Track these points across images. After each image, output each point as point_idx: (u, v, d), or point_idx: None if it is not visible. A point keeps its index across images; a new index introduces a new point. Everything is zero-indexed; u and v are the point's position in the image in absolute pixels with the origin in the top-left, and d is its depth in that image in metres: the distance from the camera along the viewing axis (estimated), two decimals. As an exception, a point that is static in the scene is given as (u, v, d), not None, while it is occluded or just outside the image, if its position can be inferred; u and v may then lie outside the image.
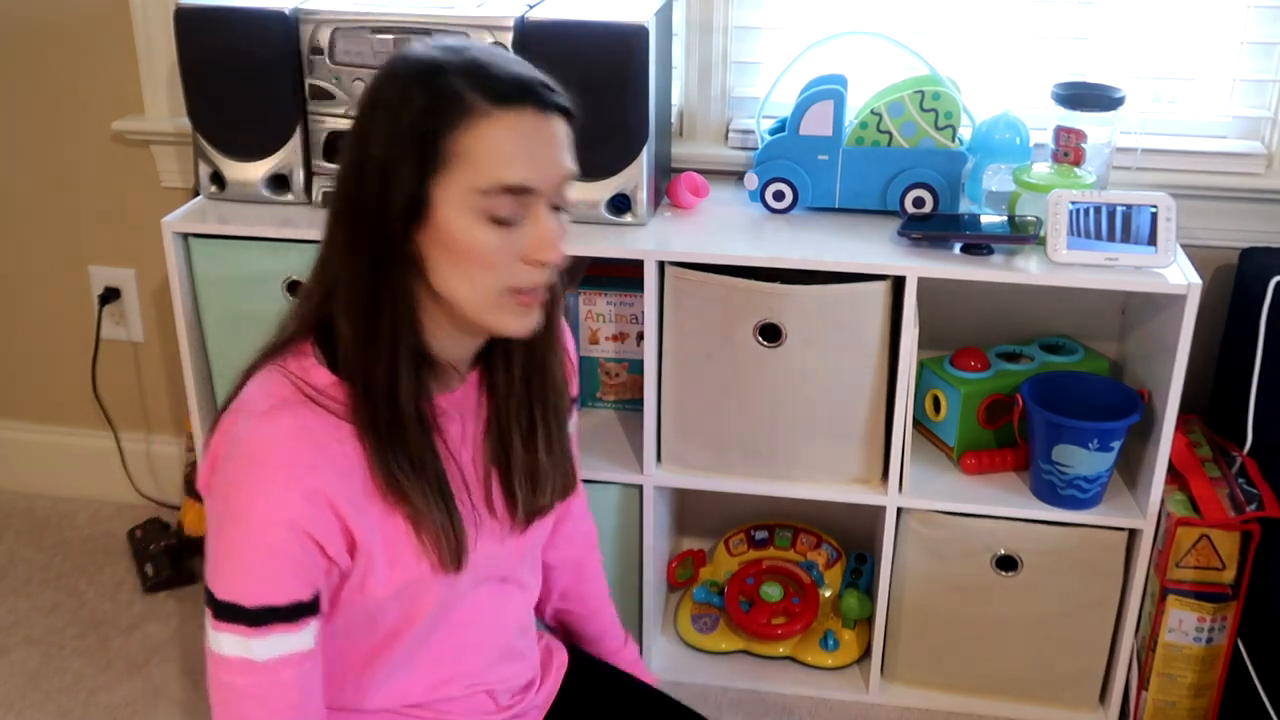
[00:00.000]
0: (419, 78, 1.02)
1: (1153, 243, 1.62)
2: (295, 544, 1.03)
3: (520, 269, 1.06)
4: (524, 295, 1.08)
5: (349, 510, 1.05)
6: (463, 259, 1.04)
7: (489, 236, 1.03)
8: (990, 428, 1.83)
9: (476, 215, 1.03)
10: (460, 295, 1.06)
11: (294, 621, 1.05)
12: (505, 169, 1.02)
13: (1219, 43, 1.87)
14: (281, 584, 1.04)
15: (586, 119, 1.67)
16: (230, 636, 1.04)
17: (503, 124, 1.02)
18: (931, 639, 1.88)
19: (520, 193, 1.03)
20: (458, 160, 1.01)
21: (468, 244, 1.03)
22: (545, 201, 1.06)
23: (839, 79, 1.77)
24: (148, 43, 2.06)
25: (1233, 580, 1.69)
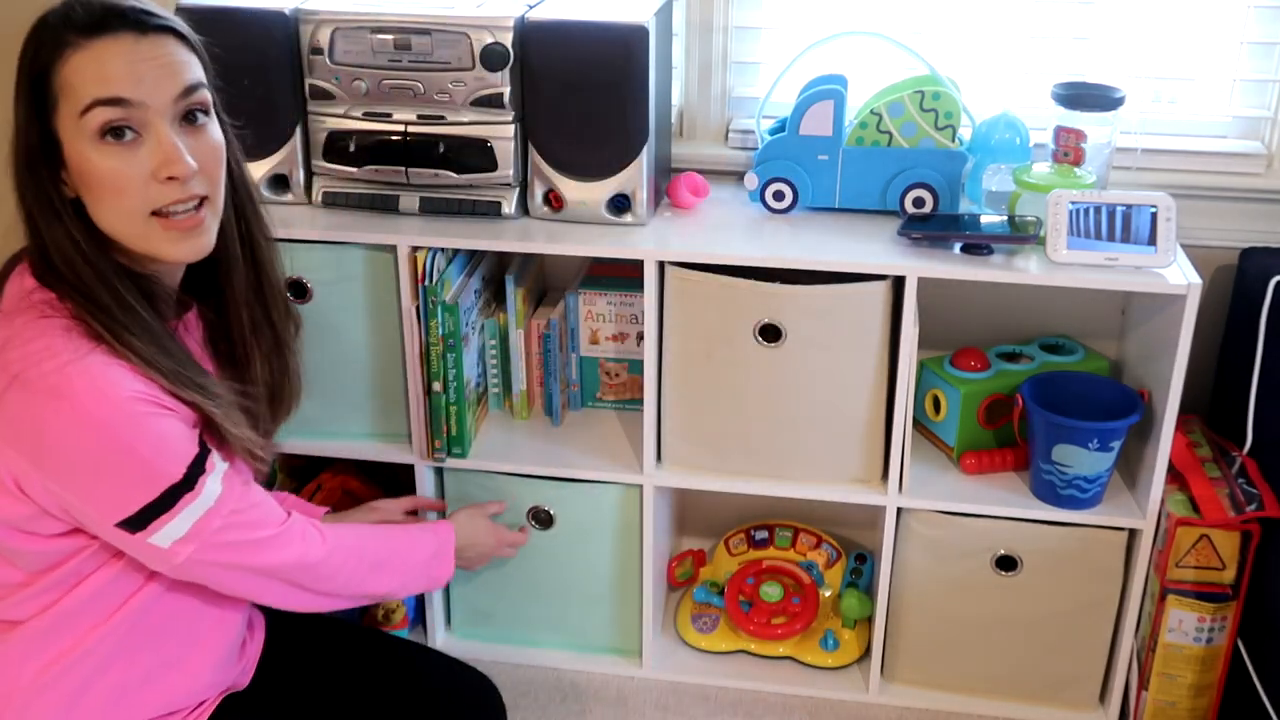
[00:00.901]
0: (33, 28, 1.13)
1: (1153, 243, 1.62)
2: (159, 406, 1.14)
3: (154, 188, 1.13)
4: (172, 219, 1.15)
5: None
6: (98, 189, 1.12)
7: (106, 159, 1.11)
8: (990, 428, 1.83)
9: (89, 140, 1.11)
10: (114, 227, 1.15)
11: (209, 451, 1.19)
12: (96, 87, 1.09)
13: (1219, 43, 1.87)
14: (183, 437, 1.16)
15: (586, 119, 1.69)
16: (182, 513, 1.16)
17: (94, 50, 1.10)
18: (931, 639, 1.88)
19: (116, 104, 1.10)
20: (63, 93, 1.10)
21: (93, 171, 1.11)
22: (163, 118, 1.13)
23: (839, 79, 1.77)
24: (148, 43, 2.06)
25: (1233, 580, 1.69)
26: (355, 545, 1.38)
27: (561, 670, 1.97)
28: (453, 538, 1.57)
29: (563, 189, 1.73)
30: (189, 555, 1.18)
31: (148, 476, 1.13)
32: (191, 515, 1.16)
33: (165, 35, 1.14)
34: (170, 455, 1.15)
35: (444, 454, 1.82)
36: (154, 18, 1.13)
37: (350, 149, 1.74)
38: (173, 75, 1.13)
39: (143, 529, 1.15)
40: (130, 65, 1.11)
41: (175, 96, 1.13)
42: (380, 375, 1.81)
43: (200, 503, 1.17)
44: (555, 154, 1.72)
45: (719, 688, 1.95)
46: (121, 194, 1.12)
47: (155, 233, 1.15)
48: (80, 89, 1.10)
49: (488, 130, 1.70)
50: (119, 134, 1.11)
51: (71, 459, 1.11)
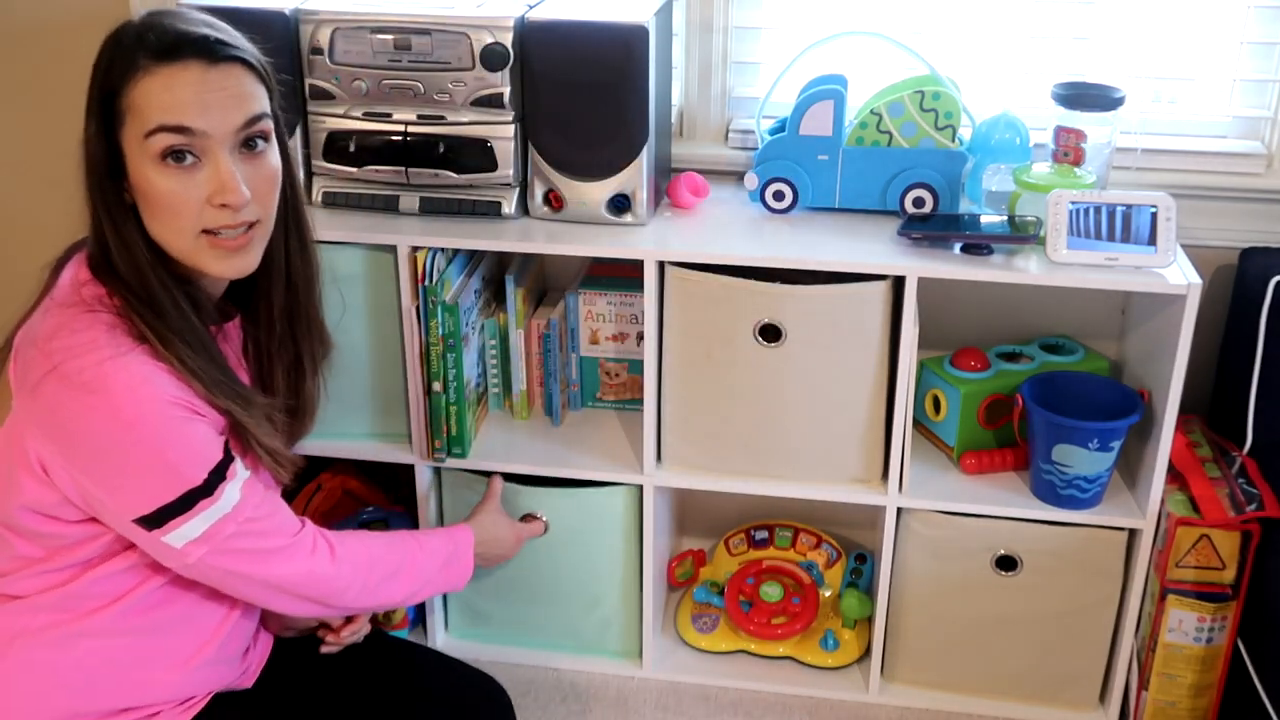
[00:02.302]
0: (106, 45, 1.17)
1: (1153, 243, 1.62)
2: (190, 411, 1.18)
3: (208, 212, 1.17)
4: (220, 238, 1.19)
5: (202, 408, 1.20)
6: (155, 206, 1.17)
7: (166, 180, 1.15)
8: (990, 428, 1.83)
9: (151, 161, 1.14)
10: (166, 241, 1.19)
11: (233, 459, 1.22)
12: (163, 113, 1.13)
13: (1219, 43, 1.87)
14: (209, 443, 1.19)
15: (586, 119, 1.69)
16: (198, 516, 1.18)
17: (164, 76, 1.13)
18: (931, 639, 1.88)
19: (180, 132, 1.13)
20: (130, 113, 1.14)
21: (151, 190, 1.15)
22: (224, 147, 1.16)
23: (839, 79, 1.77)
24: (148, 43, 2.06)
25: (1233, 580, 1.69)
26: (366, 558, 1.39)
27: (561, 670, 1.97)
28: (470, 540, 1.57)
29: (563, 189, 1.73)
30: (200, 557, 1.21)
31: (170, 479, 1.16)
32: (207, 520, 1.19)
33: (235, 65, 1.17)
34: (195, 460, 1.18)
35: (444, 454, 1.82)
36: (226, 48, 1.16)
37: (350, 149, 1.74)
38: (238, 106, 1.17)
39: (158, 527, 1.17)
40: (198, 94, 1.14)
41: (238, 127, 1.17)
42: (380, 375, 1.81)
43: (217, 508, 1.19)
44: (555, 154, 1.72)
45: (719, 688, 1.95)
46: (177, 213, 1.17)
47: (203, 249, 1.19)
48: (147, 112, 1.13)
49: (488, 130, 1.70)
50: (180, 158, 1.15)
51: (98, 452, 1.14)
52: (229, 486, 1.20)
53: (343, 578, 1.34)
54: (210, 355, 1.22)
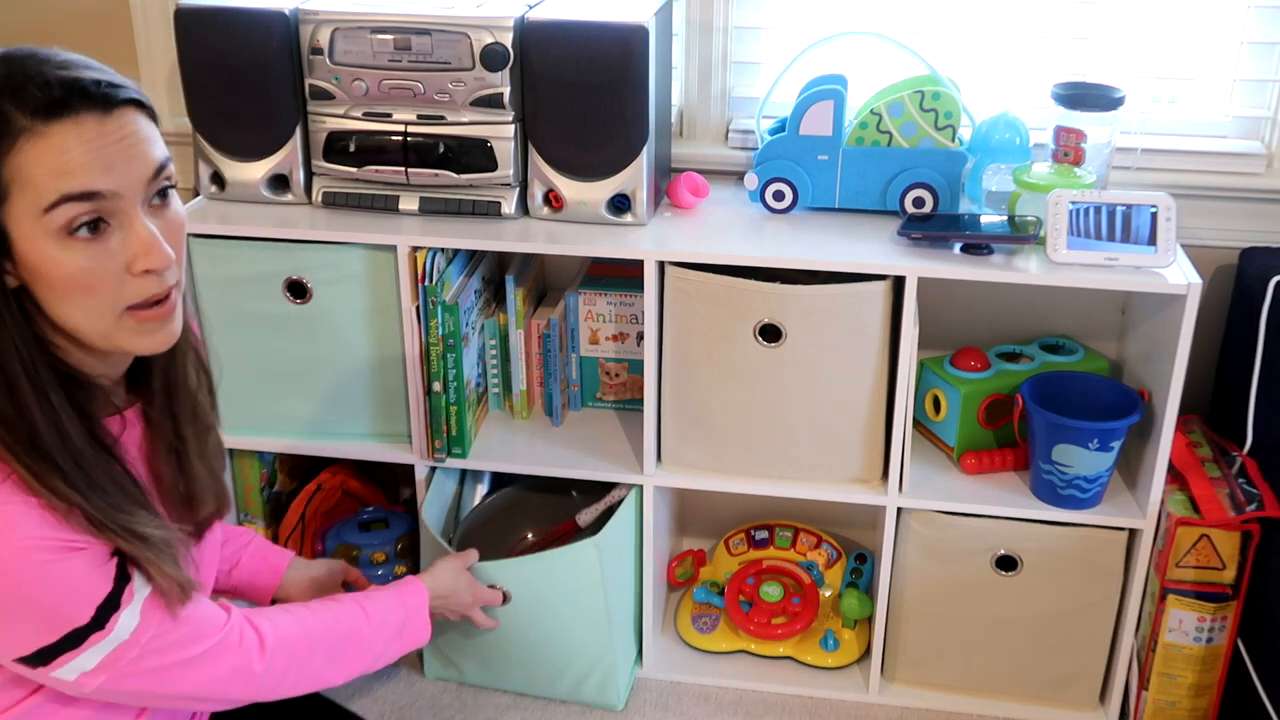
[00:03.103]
0: None
1: (1153, 243, 1.62)
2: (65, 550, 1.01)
3: (129, 283, 1.00)
4: (145, 312, 1.02)
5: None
6: (63, 288, 0.98)
7: (74, 256, 0.97)
8: (990, 428, 1.83)
9: (54, 237, 0.96)
10: (78, 324, 1.01)
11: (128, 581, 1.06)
12: (65, 180, 0.95)
13: (1219, 43, 1.87)
14: (93, 578, 1.03)
15: (586, 119, 1.69)
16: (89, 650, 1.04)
17: (54, 138, 0.95)
18: (931, 639, 1.88)
19: (89, 199, 0.96)
20: (15, 186, 0.95)
21: (59, 271, 0.97)
22: (136, 205, 0.99)
23: (839, 79, 1.77)
24: (148, 43, 2.06)
25: (1233, 580, 1.69)
26: (305, 645, 1.25)
27: (561, 670, 1.97)
28: (424, 598, 1.46)
29: (563, 189, 1.73)
30: (99, 685, 1.07)
31: (48, 622, 1.02)
32: (101, 651, 1.05)
33: (129, 109, 0.99)
34: (75, 600, 1.02)
35: (444, 454, 1.82)
36: (118, 90, 0.98)
37: (350, 149, 1.74)
38: (143, 156, 0.99)
39: (45, 665, 1.04)
40: (98, 152, 0.96)
41: (148, 179, 1.00)
42: (380, 375, 1.81)
43: (112, 639, 1.05)
44: (555, 154, 1.72)
45: (719, 688, 1.95)
46: (92, 292, 0.99)
47: (126, 328, 1.02)
48: (42, 182, 0.94)
49: (488, 130, 1.70)
50: (93, 228, 0.97)
51: None
52: (123, 614, 1.05)
53: (273, 673, 1.20)
54: (94, 480, 1.03)
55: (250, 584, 1.55)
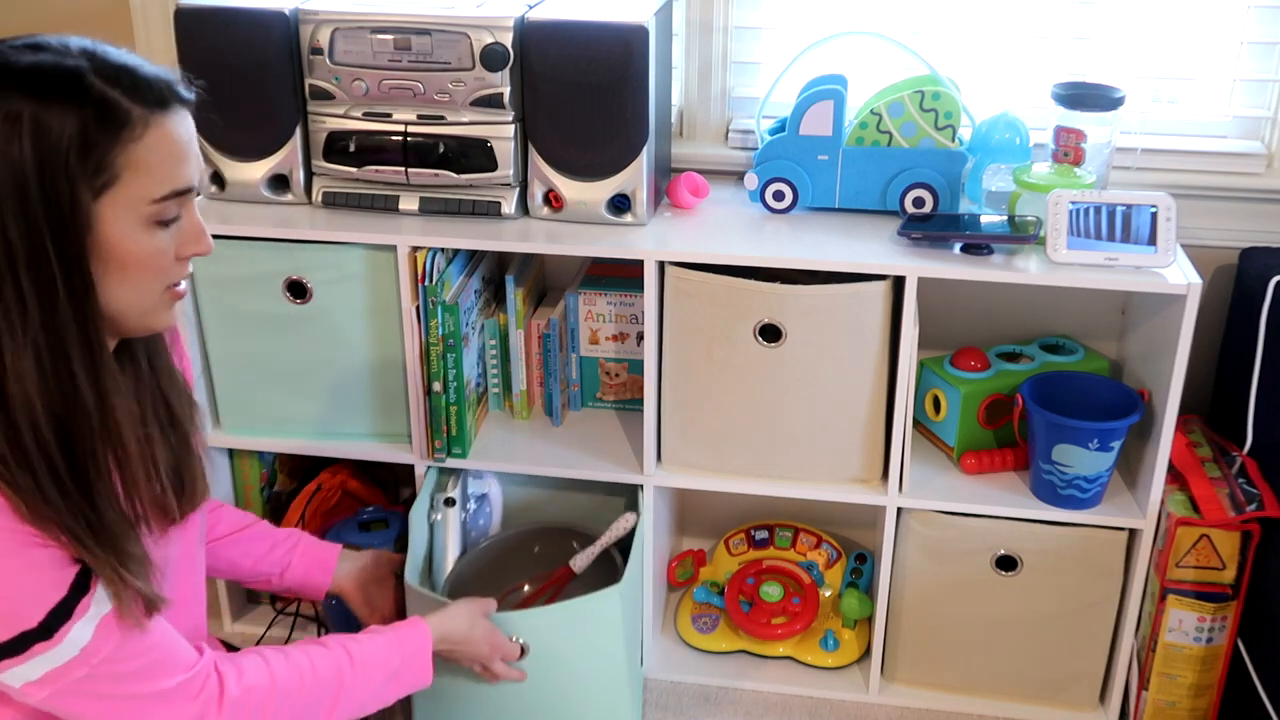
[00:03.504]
0: (63, 92, 0.97)
1: (1153, 243, 1.62)
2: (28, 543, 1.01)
3: (177, 267, 1.09)
4: (178, 290, 1.12)
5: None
6: (133, 268, 1.04)
7: (157, 241, 1.05)
8: (990, 428, 1.83)
9: (145, 223, 1.03)
10: (127, 303, 1.06)
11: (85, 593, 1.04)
12: (176, 175, 1.03)
13: (1219, 43, 1.87)
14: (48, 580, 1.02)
15: (586, 119, 1.69)
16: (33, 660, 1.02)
17: (165, 130, 1.02)
18: (931, 639, 1.88)
19: (188, 193, 1.06)
20: (129, 174, 1.00)
21: (139, 253, 1.03)
22: (194, 197, 1.09)
23: (839, 79, 1.77)
24: (148, 43, 2.06)
25: (1233, 580, 1.69)
26: (272, 698, 1.18)
27: (561, 670, 1.97)
28: (428, 643, 1.36)
29: (563, 189, 1.73)
30: (43, 698, 1.05)
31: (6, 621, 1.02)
32: (45, 664, 1.02)
33: (188, 107, 1.07)
34: (27, 600, 1.01)
35: (444, 454, 1.82)
36: (188, 89, 1.06)
37: (350, 149, 1.74)
38: (199, 153, 1.09)
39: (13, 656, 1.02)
40: (190, 145, 1.05)
41: (203, 175, 1.13)
42: (380, 375, 1.81)
43: (58, 652, 1.02)
44: (555, 154, 1.72)
45: (719, 688, 1.95)
46: (155, 273, 1.06)
47: (163, 305, 1.09)
48: (157, 173, 1.01)
49: (488, 130, 1.70)
50: (173, 220, 1.06)
51: None
52: (75, 627, 1.02)
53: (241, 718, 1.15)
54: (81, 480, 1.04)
55: (303, 584, 1.54)
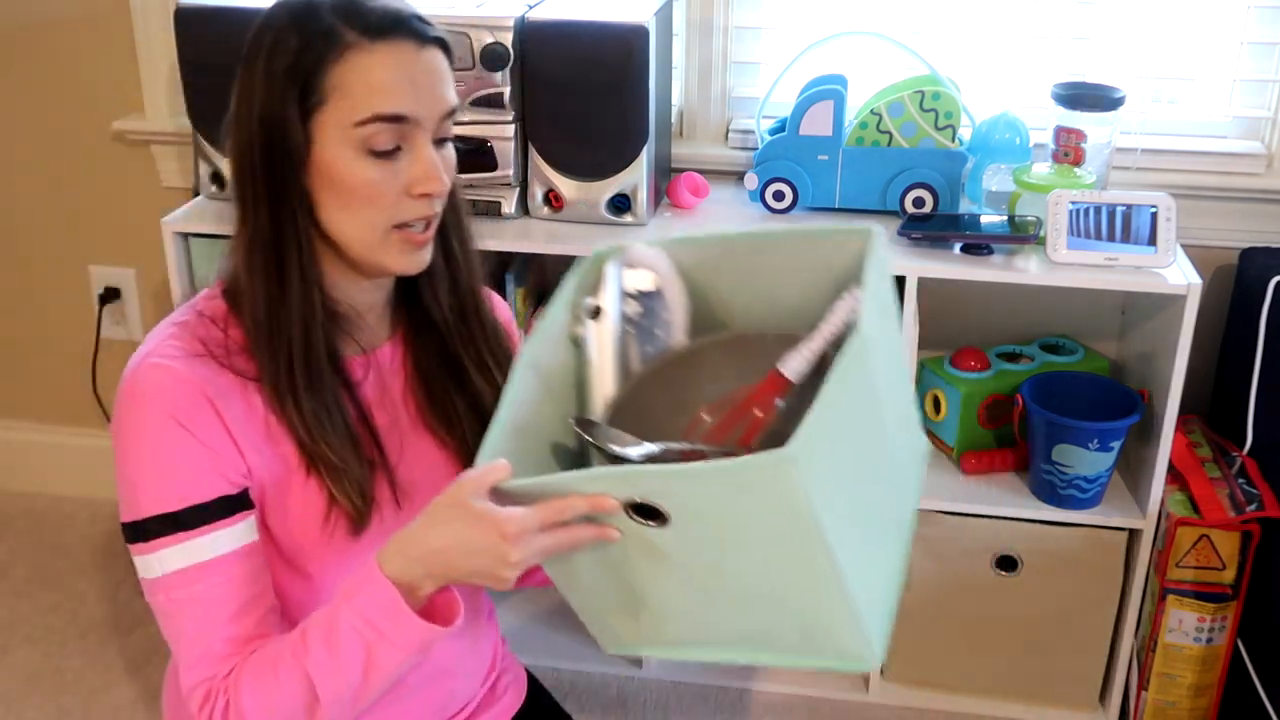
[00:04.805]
0: (294, 19, 1.03)
1: (1153, 243, 1.62)
2: (189, 441, 1.03)
3: (404, 203, 1.06)
4: (410, 232, 1.08)
5: (241, 437, 1.05)
6: (347, 196, 1.04)
7: (370, 170, 1.04)
8: (990, 428, 1.83)
9: (356, 149, 1.03)
10: (348, 234, 1.06)
11: (228, 517, 1.05)
12: (380, 99, 1.02)
13: (1219, 43, 1.87)
14: (197, 480, 1.04)
15: (586, 119, 1.69)
16: (171, 549, 1.04)
17: (377, 56, 1.02)
18: (931, 639, 1.88)
19: (396, 121, 1.03)
20: (335, 94, 1.02)
21: (350, 179, 1.04)
22: (428, 134, 1.06)
23: (839, 79, 1.77)
24: (148, 43, 2.06)
25: (1233, 580, 1.69)
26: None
27: (561, 670, 1.97)
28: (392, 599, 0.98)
29: (563, 189, 1.73)
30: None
31: (128, 495, 1.06)
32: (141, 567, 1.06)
33: (437, 49, 1.07)
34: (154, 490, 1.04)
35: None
36: (431, 29, 1.06)
37: (350, 149, 1.74)
38: (443, 93, 1.07)
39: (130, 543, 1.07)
40: (409, 79, 1.04)
41: (442, 115, 1.07)
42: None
43: (144, 563, 1.05)
44: (555, 154, 1.72)
45: (719, 688, 1.95)
46: (372, 205, 1.05)
47: (391, 244, 1.07)
48: (359, 97, 1.02)
49: (488, 130, 1.70)
50: (389, 151, 1.05)
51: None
52: (168, 550, 1.03)
53: None
54: (317, 400, 1.08)
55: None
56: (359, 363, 1.15)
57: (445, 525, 0.97)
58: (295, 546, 1.11)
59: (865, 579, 0.98)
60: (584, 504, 0.93)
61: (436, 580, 0.98)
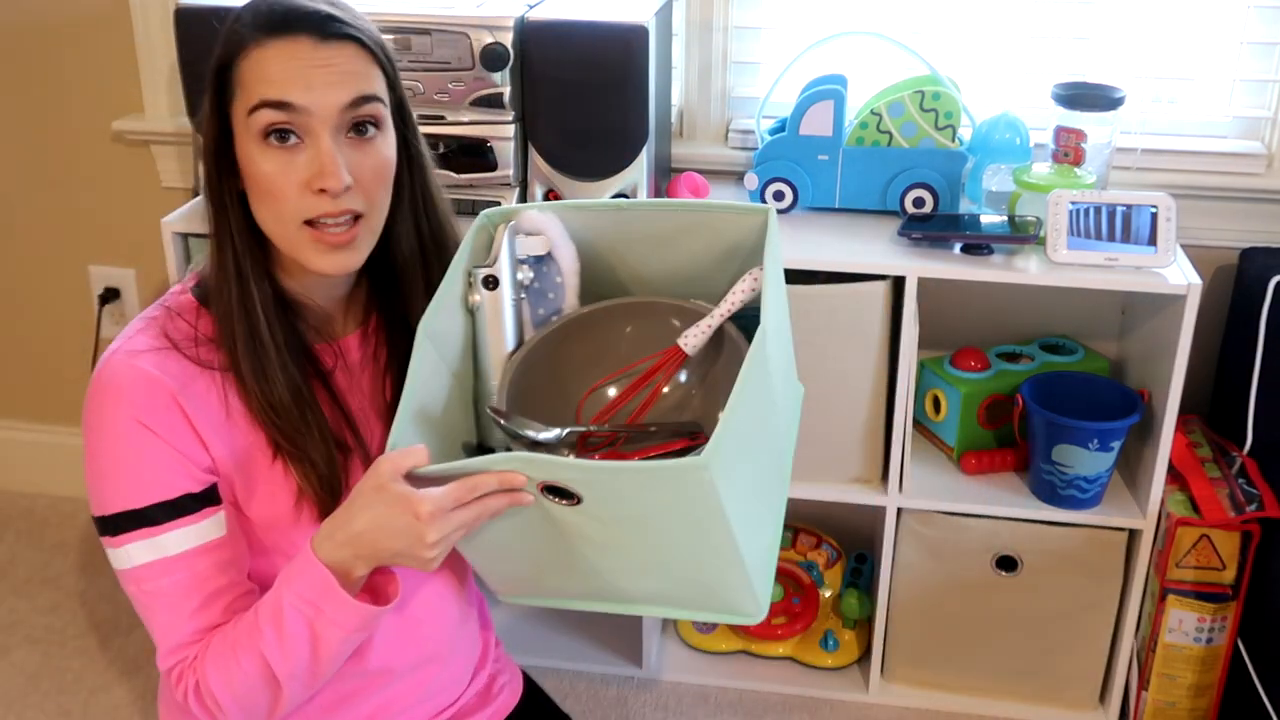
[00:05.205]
0: (224, 25, 1.11)
1: (1153, 243, 1.62)
2: (153, 441, 1.07)
3: (308, 199, 1.08)
4: (322, 231, 1.09)
5: (206, 431, 1.09)
6: (258, 189, 1.09)
7: (268, 162, 1.07)
8: (990, 428, 1.83)
9: (256, 140, 1.07)
10: (269, 229, 1.11)
11: (192, 513, 1.09)
12: (267, 87, 1.06)
13: (1219, 43, 1.87)
14: (160, 479, 1.08)
15: (586, 119, 1.69)
16: (137, 545, 1.08)
17: (270, 50, 1.06)
18: (931, 639, 1.88)
19: (281, 108, 1.06)
20: (238, 88, 1.08)
21: (254, 170, 1.08)
22: (326, 127, 1.07)
23: (839, 79, 1.77)
24: (148, 43, 2.06)
25: (1233, 580, 1.69)
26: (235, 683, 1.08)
27: (561, 670, 1.97)
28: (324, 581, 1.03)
29: (563, 189, 1.73)
30: None
31: (95, 491, 1.10)
32: (113, 559, 1.10)
33: (347, 43, 1.08)
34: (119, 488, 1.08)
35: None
36: (339, 25, 1.08)
37: (350, 149, 1.74)
38: (344, 84, 1.08)
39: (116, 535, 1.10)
40: (302, 70, 1.06)
41: (343, 106, 1.07)
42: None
43: (115, 556, 1.10)
44: (555, 154, 1.72)
45: (719, 688, 1.95)
46: (277, 198, 1.08)
47: (305, 242, 1.10)
48: (252, 86, 1.07)
49: (488, 130, 1.70)
50: (282, 137, 1.07)
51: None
52: (134, 545, 1.08)
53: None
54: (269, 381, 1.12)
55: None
56: (326, 351, 1.19)
57: (366, 509, 1.01)
58: (268, 530, 1.15)
59: (756, 545, 1.08)
60: (494, 480, 0.99)
61: (366, 562, 1.03)
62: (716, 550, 1.03)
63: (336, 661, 1.08)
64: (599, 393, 1.24)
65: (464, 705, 1.32)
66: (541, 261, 1.22)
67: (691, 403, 1.23)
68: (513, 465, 0.99)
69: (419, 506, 0.97)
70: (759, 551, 1.10)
